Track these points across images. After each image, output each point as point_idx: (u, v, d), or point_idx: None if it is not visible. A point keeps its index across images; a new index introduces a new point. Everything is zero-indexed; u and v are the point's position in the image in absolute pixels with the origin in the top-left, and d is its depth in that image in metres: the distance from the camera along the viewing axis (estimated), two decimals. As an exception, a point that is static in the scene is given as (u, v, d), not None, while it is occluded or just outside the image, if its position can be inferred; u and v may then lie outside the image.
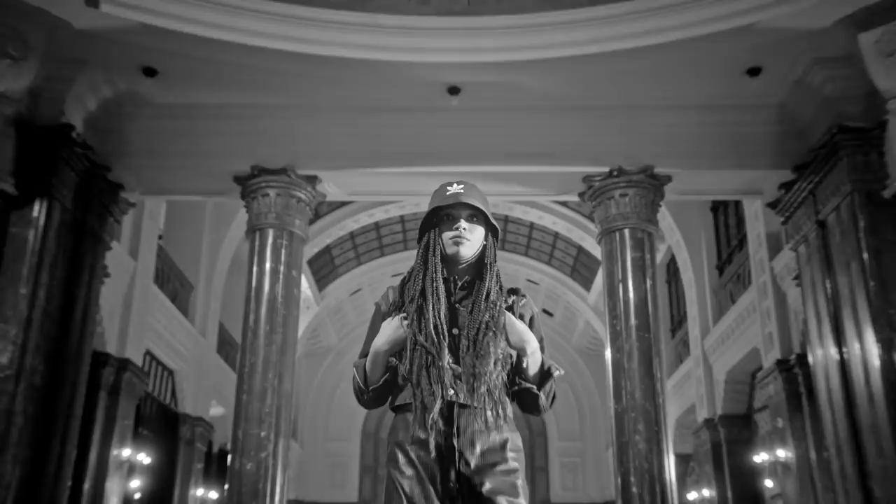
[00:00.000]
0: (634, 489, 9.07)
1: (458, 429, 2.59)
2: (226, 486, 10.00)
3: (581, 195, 10.60)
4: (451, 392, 2.58)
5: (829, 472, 9.67)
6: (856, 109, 8.92)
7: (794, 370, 11.80)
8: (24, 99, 8.57)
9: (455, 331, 2.67)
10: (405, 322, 2.68)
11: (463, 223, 2.73)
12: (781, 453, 13.00)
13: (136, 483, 13.89)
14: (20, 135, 8.76)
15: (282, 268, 10.07)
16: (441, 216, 2.78)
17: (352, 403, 17.95)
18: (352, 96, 10.07)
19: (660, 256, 18.18)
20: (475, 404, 2.56)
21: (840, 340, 9.06)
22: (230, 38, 8.83)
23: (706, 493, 16.20)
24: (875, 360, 8.40)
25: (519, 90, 9.83)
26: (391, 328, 2.70)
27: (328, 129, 10.35)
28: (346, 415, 24.63)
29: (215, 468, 18.20)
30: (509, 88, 9.78)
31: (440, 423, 2.58)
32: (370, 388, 2.74)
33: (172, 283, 15.58)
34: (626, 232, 10.02)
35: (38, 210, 8.86)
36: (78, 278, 9.51)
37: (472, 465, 2.58)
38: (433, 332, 2.64)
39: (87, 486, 11.06)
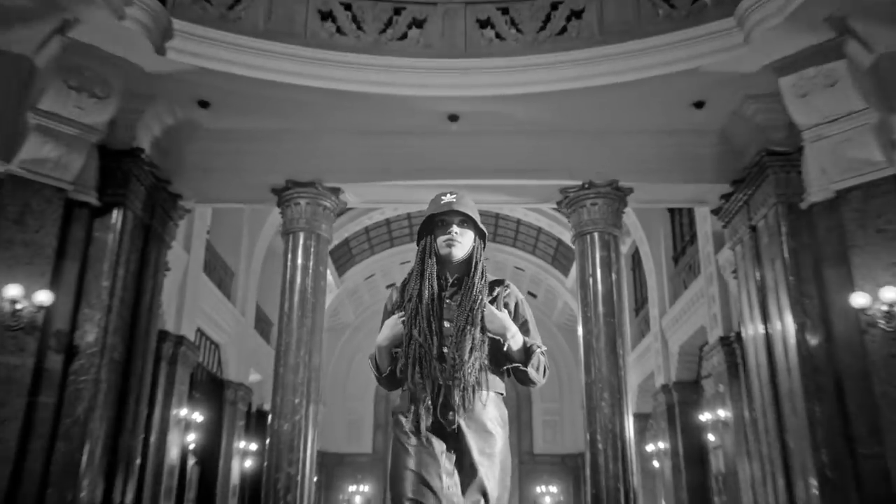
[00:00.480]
0: (600, 445, 9.24)
1: (444, 405, 2.63)
2: (267, 441, 10.16)
3: (558, 204, 10.59)
4: (440, 381, 2.63)
5: (756, 428, 9.70)
6: (780, 136, 9.02)
7: (733, 345, 12.04)
8: (105, 129, 8.67)
9: (446, 323, 2.70)
10: (401, 320, 2.74)
11: (455, 228, 2.77)
12: (722, 413, 13.35)
13: (191, 437, 14.24)
14: (101, 157, 8.85)
15: (311, 264, 10.12)
16: (436, 222, 2.81)
17: (367, 370, 18.50)
18: (368, 122, 9.93)
19: (626, 249, 18.48)
20: (460, 388, 2.62)
21: (766, 322, 9.19)
22: (269, 77, 8.88)
23: (661, 445, 16.54)
24: (792, 338, 8.56)
25: (507, 117, 9.74)
26: (390, 326, 2.78)
27: (349, 149, 10.30)
28: (362, 380, 24.43)
29: (254, 424, 18.47)
30: (499, 116, 9.71)
31: (429, 403, 2.65)
32: (382, 375, 2.83)
33: (218, 271, 15.76)
34: (596, 235, 10.06)
35: (115, 217, 8.97)
36: (145, 272, 9.60)
37: (458, 437, 2.64)
38: (426, 327, 2.68)
39: (153, 438, 11.22)
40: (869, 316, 7.91)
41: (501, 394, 2.77)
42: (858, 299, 7.98)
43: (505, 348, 2.70)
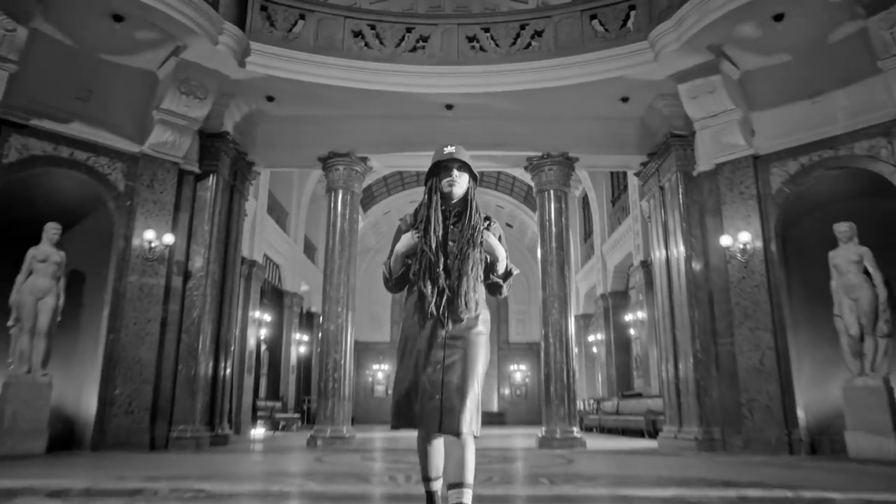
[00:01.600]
0: (551, 339, 9.74)
1: (446, 307, 2.58)
2: (318, 336, 10.56)
3: (525, 168, 10.65)
4: (443, 285, 2.58)
5: (658, 325, 9.77)
6: (680, 124, 9.23)
7: (649, 267, 12.15)
8: (204, 120, 8.98)
9: (450, 244, 2.63)
10: (416, 236, 2.66)
11: (455, 172, 2.68)
12: (640, 314, 13.91)
13: (262, 331, 14.85)
14: (201, 139, 9.21)
15: (347, 212, 10.32)
16: (440, 167, 2.72)
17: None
18: (388, 110, 9.91)
19: (578, 193, 19.06)
20: (459, 292, 2.58)
21: (667, 252, 9.46)
22: (316, 80, 9.08)
23: (599, 336, 17.07)
24: (683, 264, 9.06)
25: (488, 107, 9.77)
26: (407, 238, 2.68)
27: (374, 129, 10.28)
28: (381, 288, 23.93)
29: (305, 322, 18.89)
30: (482, 106, 9.75)
31: (433, 305, 2.58)
32: (393, 277, 2.73)
33: (277, 212, 16.04)
34: (551, 191, 10.24)
35: (211, 181, 9.35)
36: (231, 218, 9.94)
37: (453, 329, 2.58)
38: (433, 245, 2.61)
39: (237, 332, 11.35)
40: (731, 251, 8.47)
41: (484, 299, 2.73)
42: (725, 240, 8.53)
43: (496, 266, 2.69)
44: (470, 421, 2.43)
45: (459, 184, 2.69)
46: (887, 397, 7.01)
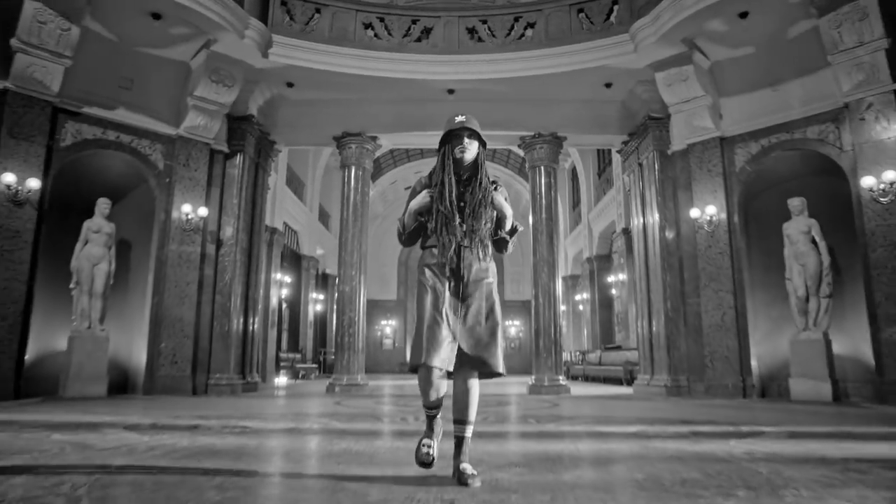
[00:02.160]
0: (540, 299, 10.14)
1: (462, 259, 2.59)
2: (335, 296, 10.64)
3: (518, 146, 10.84)
4: (459, 239, 2.58)
5: (636, 286, 10.09)
6: (657, 107, 9.47)
7: (630, 234, 11.80)
8: (231, 105, 9.25)
9: (462, 203, 2.63)
10: (430, 195, 2.64)
11: (465, 139, 2.66)
12: (621, 276, 14.13)
13: (283, 291, 15.18)
14: (229, 122, 9.53)
15: (359, 186, 10.60)
16: (452, 135, 2.69)
17: (392, 245, 19.49)
18: (396, 95, 10.11)
19: (568, 165, 19.41)
20: (472, 247, 2.60)
21: (644, 222, 9.77)
22: (331, 69, 9.33)
23: (585, 295, 17.30)
24: (657, 233, 9.40)
25: (486, 91, 9.95)
26: (421, 197, 2.66)
27: (383, 111, 10.46)
28: (389, 252, 24.93)
29: (320, 282, 19.24)
30: (480, 91, 9.94)
31: (453, 257, 2.59)
32: (406, 232, 2.71)
33: (294, 183, 16.17)
34: (542, 167, 10.49)
35: (238, 159, 9.68)
36: (256, 191, 10.23)
37: (468, 279, 2.59)
38: (448, 204, 2.59)
39: (261, 292, 11.02)
40: (699, 222, 8.86)
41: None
42: (694, 212, 8.92)
43: (506, 224, 2.70)
44: (502, 361, 2.54)
45: (470, 150, 2.69)
46: (825, 349, 7.60)
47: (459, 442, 2.58)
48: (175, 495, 2.30)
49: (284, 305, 16.26)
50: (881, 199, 7.07)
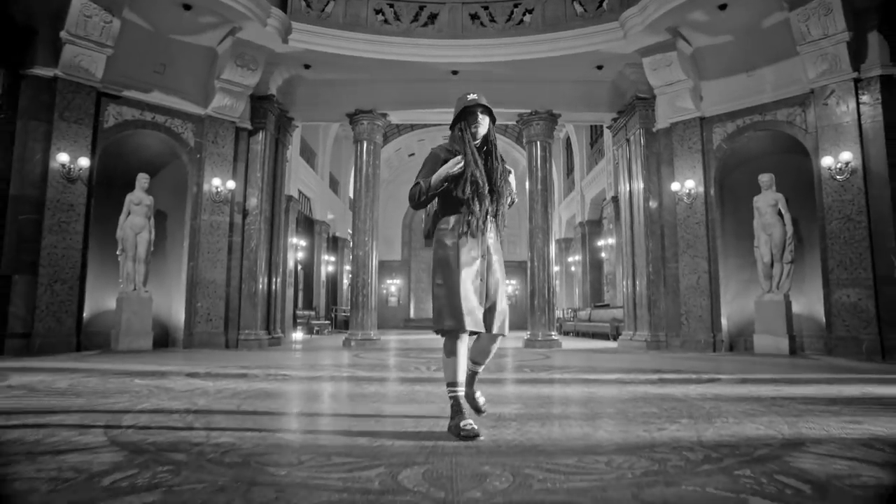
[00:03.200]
0: (535, 262, 10.60)
1: (487, 229, 2.67)
2: (344, 258, 11.09)
3: (516, 122, 11.09)
4: (487, 206, 2.65)
5: (622, 250, 10.44)
6: (644, 88, 9.75)
7: (618, 201, 12.16)
8: (254, 86, 9.59)
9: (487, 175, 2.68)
10: (460, 165, 2.60)
11: (479, 115, 2.71)
12: (610, 241, 14.59)
13: (299, 254, 15.69)
14: (252, 101, 9.84)
15: (371, 160, 10.98)
16: (467, 112, 2.72)
17: (398, 208, 19.76)
18: (404, 75, 10.35)
19: (562, 135, 19.77)
20: (497, 219, 2.71)
21: (630, 192, 10.10)
22: (345, 52, 9.65)
23: (577, 258, 17.73)
24: (642, 203, 9.79)
25: (487, 72, 10.18)
26: (451, 165, 2.61)
27: (392, 90, 10.73)
28: (394, 215, 25.13)
29: (331, 245, 19.52)
30: (482, 72, 10.19)
31: (479, 222, 2.62)
32: (428, 194, 2.64)
33: (307, 153, 16.53)
34: (538, 142, 10.80)
35: (261, 136, 10.04)
36: (277, 165, 10.57)
37: (490, 248, 2.68)
38: (479, 171, 2.62)
39: (280, 256, 11.46)
40: (679, 195, 9.33)
41: None
42: (675, 185, 9.37)
43: (509, 199, 2.78)
44: (508, 324, 2.71)
45: (483, 125, 2.73)
46: (785, 309, 8.26)
47: (473, 375, 2.87)
48: (263, 423, 2.97)
49: (299, 267, 16.77)
50: (837, 177, 7.62)
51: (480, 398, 2.93)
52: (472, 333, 2.62)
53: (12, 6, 7.38)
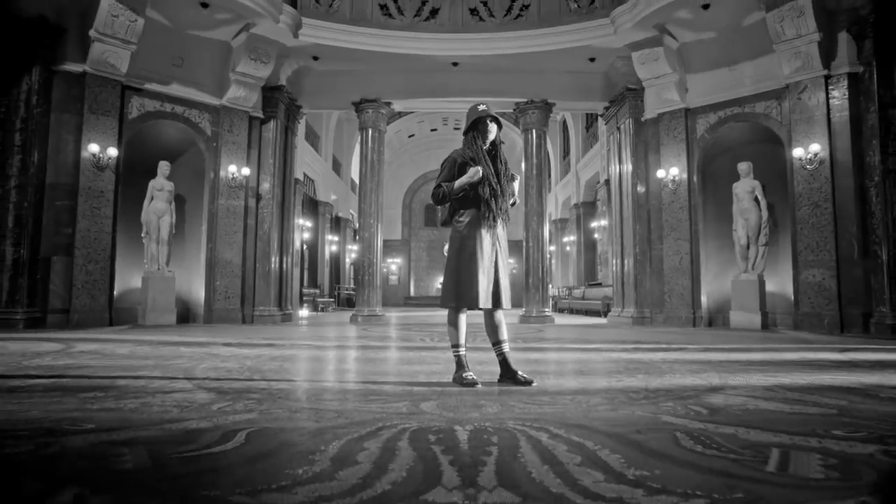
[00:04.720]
0: (530, 242, 11.15)
1: (495, 221, 3.09)
2: (346, 238, 11.51)
3: (513, 111, 11.51)
4: (500, 203, 3.05)
5: (614, 232, 10.95)
6: (634, 80, 10.18)
7: (610, 184, 11.99)
8: (266, 78, 10.08)
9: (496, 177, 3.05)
10: (481, 171, 2.99)
11: (489, 123, 3.08)
12: (604, 222, 15.04)
13: (305, 235, 16.33)
14: (264, 92, 10.34)
15: (375, 146, 11.40)
16: (479, 121, 3.06)
17: (398, 188, 20.37)
18: (407, 67, 10.77)
19: (559, 119, 20.38)
20: (503, 213, 3.10)
21: (620, 177, 10.60)
22: (351, 46, 10.09)
23: (572, 238, 18.34)
24: (630, 188, 10.35)
25: (486, 64, 10.59)
26: (474, 172, 2.99)
27: (396, 80, 11.16)
28: (395, 195, 25.88)
29: (334, 225, 20.13)
30: (481, 63, 10.60)
31: (493, 217, 3.05)
32: (450, 197, 3.03)
33: (312, 137, 17.03)
34: (534, 130, 11.31)
35: (272, 125, 10.53)
36: (286, 151, 11.03)
37: (500, 237, 3.11)
38: (494, 176, 3.01)
39: (290, 237, 11.70)
40: (665, 181, 9.92)
41: None
42: (661, 172, 9.96)
43: (511, 201, 3.17)
44: (510, 299, 3.19)
45: (492, 133, 3.10)
46: (759, 287, 9.04)
47: (505, 359, 3.22)
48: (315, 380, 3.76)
49: (304, 247, 17.46)
50: (808, 167, 8.35)
51: (526, 376, 3.26)
52: (478, 309, 3.14)
53: (46, 6, 7.99)
